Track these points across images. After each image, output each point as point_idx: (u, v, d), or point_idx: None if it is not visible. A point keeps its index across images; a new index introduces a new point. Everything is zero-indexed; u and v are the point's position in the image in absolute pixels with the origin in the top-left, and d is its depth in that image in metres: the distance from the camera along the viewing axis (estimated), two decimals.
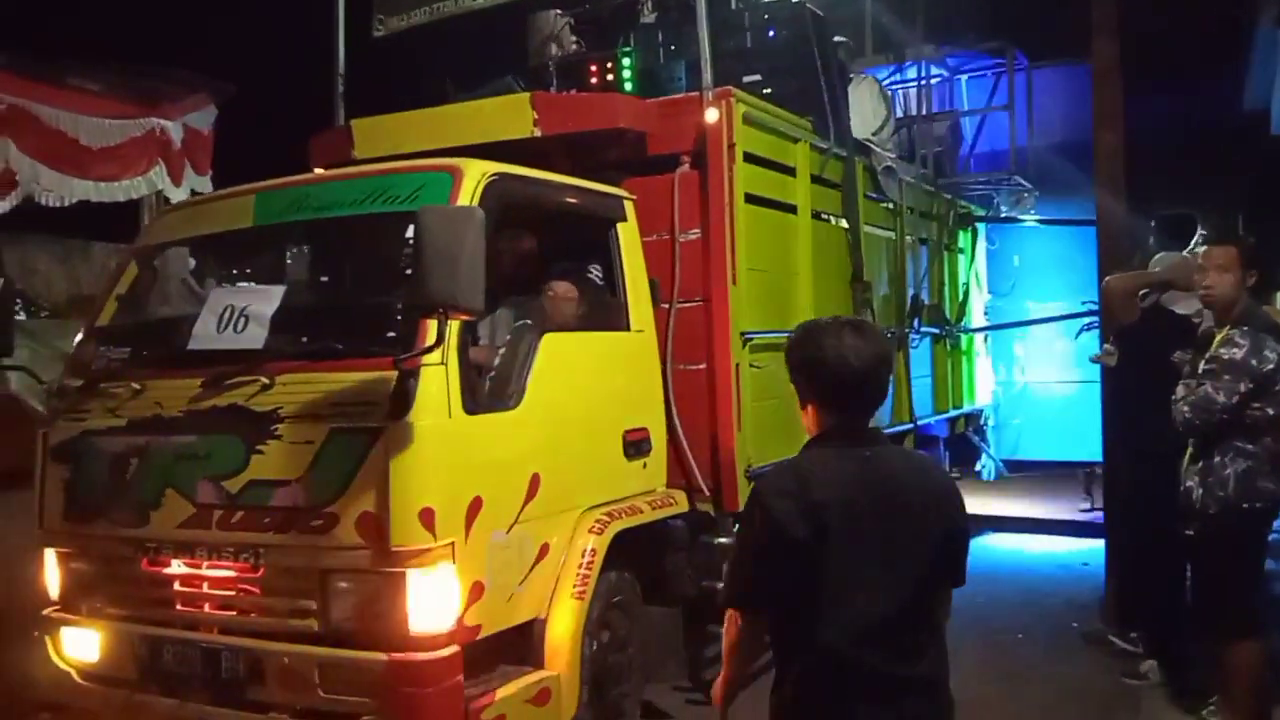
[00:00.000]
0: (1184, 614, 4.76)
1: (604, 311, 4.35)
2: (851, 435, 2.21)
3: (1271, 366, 3.97)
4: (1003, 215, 8.82)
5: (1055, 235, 8.98)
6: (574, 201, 4.27)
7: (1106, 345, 5.65)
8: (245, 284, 4.01)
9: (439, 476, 3.31)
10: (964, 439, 8.27)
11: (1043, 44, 9.03)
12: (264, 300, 3.60)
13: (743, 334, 4.73)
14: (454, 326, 3.34)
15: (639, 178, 4.80)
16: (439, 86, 5.49)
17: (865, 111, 7.06)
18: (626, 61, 5.70)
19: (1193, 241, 5.68)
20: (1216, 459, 4.08)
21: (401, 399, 3.25)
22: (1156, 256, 5.60)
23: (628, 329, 4.40)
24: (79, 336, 4.19)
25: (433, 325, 3.23)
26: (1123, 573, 5.84)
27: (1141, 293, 5.26)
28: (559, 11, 6.14)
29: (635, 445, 4.29)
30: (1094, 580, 6.83)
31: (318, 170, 4.72)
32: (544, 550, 3.76)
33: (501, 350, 3.73)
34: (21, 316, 6.61)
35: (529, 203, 4.00)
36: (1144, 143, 7.86)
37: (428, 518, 3.24)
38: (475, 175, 3.67)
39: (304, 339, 3.57)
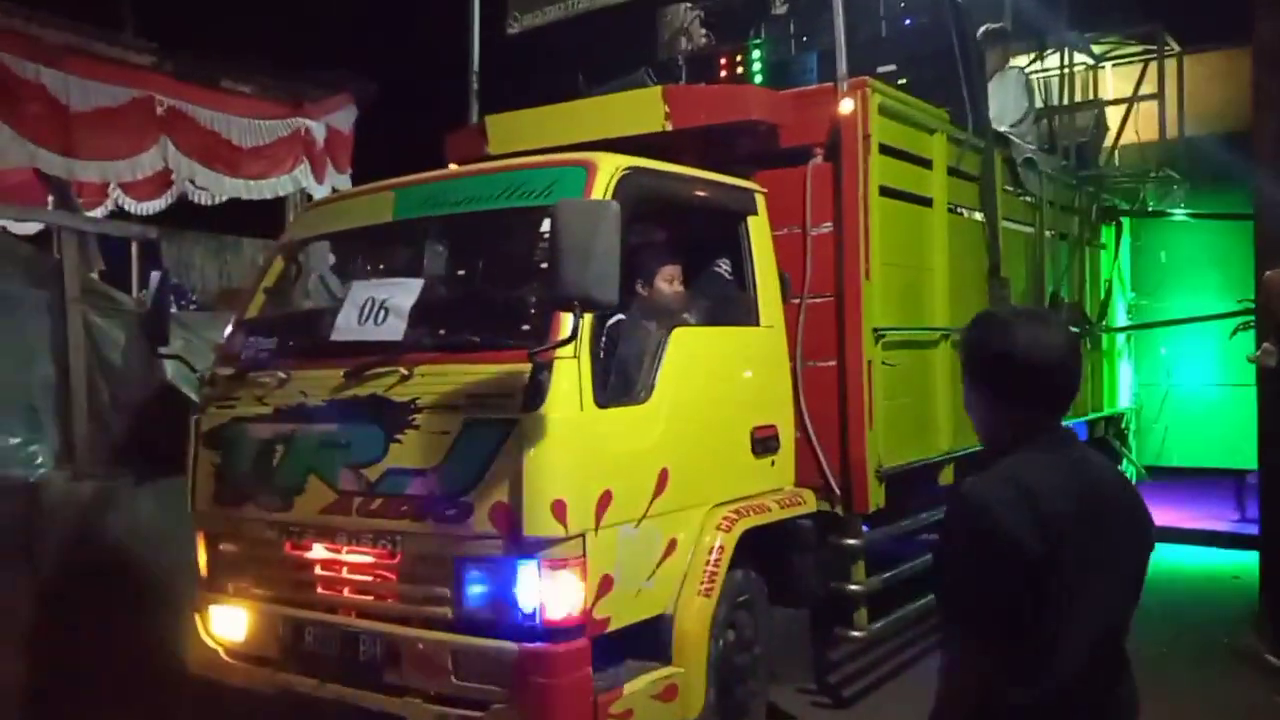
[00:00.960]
0: None
1: (733, 307, 4.31)
2: (1056, 436, 2.01)
3: None
4: (1149, 209, 8.36)
5: (1206, 230, 8.47)
6: (705, 195, 4.23)
7: (1266, 344, 5.42)
8: (385, 277, 4.11)
9: (570, 469, 3.32)
10: (1104, 443, 7.89)
11: (1196, 28, 8.53)
12: (403, 293, 3.68)
13: (875, 330, 4.61)
14: (587, 320, 3.35)
15: (771, 170, 4.73)
16: (571, 81, 5.53)
17: (1007, 102, 6.83)
18: (756, 54, 5.64)
19: None
20: None
21: (535, 391, 3.27)
22: None
23: (757, 324, 4.34)
24: (229, 328, 4.37)
25: (567, 319, 3.24)
26: (1278, 587, 5.61)
27: None
28: (689, 5, 6.12)
29: (763, 442, 4.23)
30: (1246, 594, 6.53)
31: (453, 166, 4.81)
32: (672, 545, 3.75)
33: (633, 344, 3.72)
34: (175, 309, 6.97)
35: (661, 196, 3.98)
36: None
37: (559, 509, 3.26)
38: (609, 169, 3.67)
39: (441, 332, 3.63)
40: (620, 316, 3.84)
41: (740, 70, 5.66)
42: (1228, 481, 9.15)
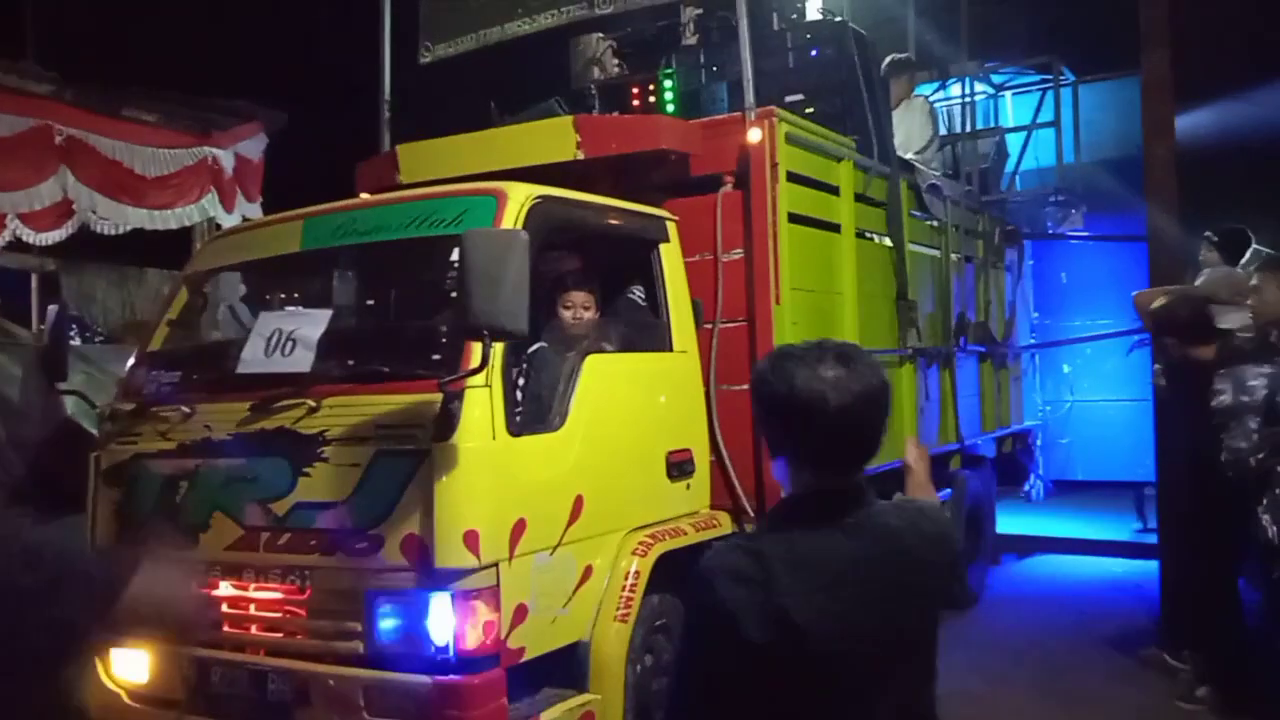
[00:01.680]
0: (1242, 638, 4.70)
1: (647, 333, 4.35)
2: (829, 502, 1.74)
3: (1264, 392, 3.96)
4: (1050, 232, 8.69)
5: (1103, 252, 8.83)
6: (617, 223, 4.28)
7: (1156, 367, 5.60)
8: (293, 308, 4.06)
9: (483, 498, 3.31)
10: (1012, 458, 8.14)
11: (1090, 58, 8.91)
12: (311, 324, 3.64)
13: None
14: (498, 349, 3.35)
15: (683, 198, 4.81)
16: (483, 110, 5.54)
17: (913, 130, 7.05)
18: (668, 83, 5.71)
19: (1245, 256, 5.60)
20: (1278, 491, 4.00)
21: (446, 421, 3.26)
22: (1203, 272, 5.55)
23: (671, 350, 4.39)
24: (131, 361, 4.27)
25: (477, 348, 3.24)
26: (1178, 595, 5.73)
27: (1156, 303, 5.20)
28: (601, 35, 6.18)
29: (679, 466, 4.27)
30: (1149, 602, 6.68)
31: (364, 195, 4.79)
32: (588, 572, 3.75)
33: (545, 372, 3.74)
34: (76, 342, 6.76)
35: (572, 225, 4.02)
36: (1195, 156, 7.76)
37: (472, 540, 3.24)
38: (519, 198, 3.69)
39: (350, 362, 3.60)
40: (537, 344, 3.86)
41: (653, 99, 5.73)
42: (1130, 493, 9.50)
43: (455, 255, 3.18)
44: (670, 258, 4.48)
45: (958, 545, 2.03)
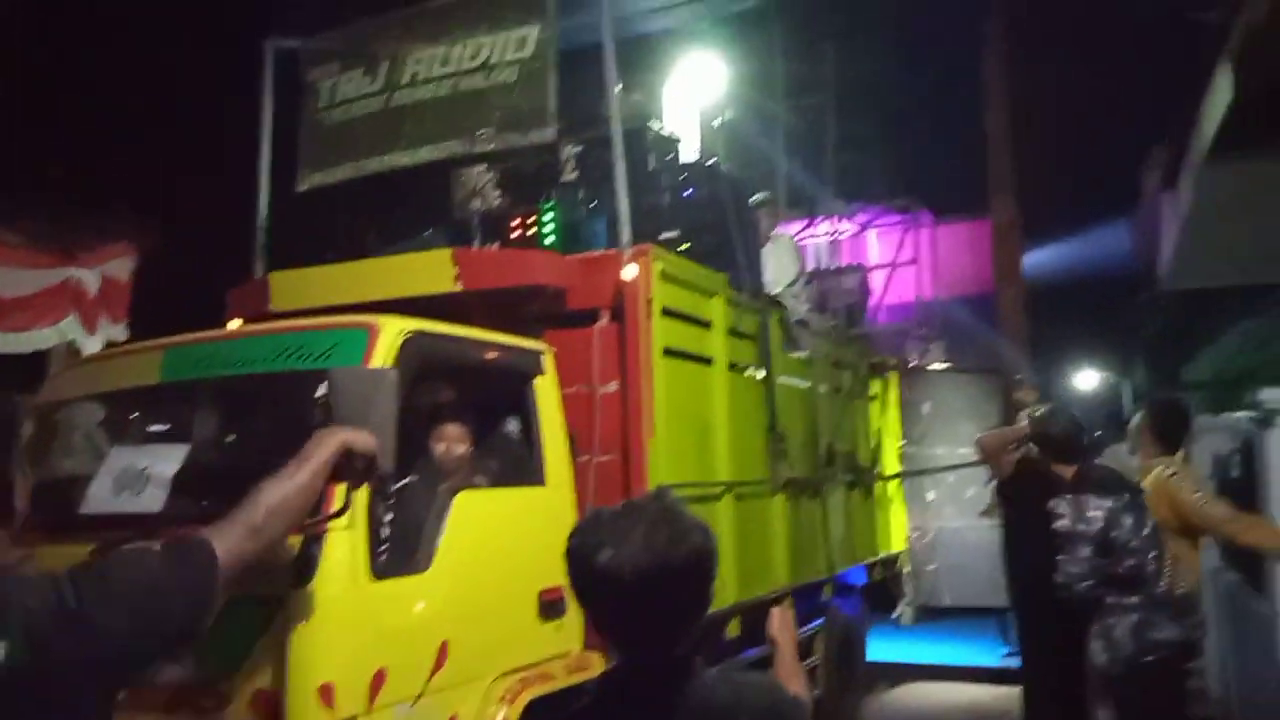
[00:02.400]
0: None
1: (521, 467, 4.31)
2: (643, 680, 1.65)
3: (1101, 524, 4.10)
4: (911, 364, 9.09)
5: (963, 383, 9.27)
6: (492, 356, 4.27)
7: (990, 500, 5.80)
8: (147, 444, 3.87)
9: (342, 648, 3.17)
10: (882, 586, 8.28)
11: (947, 201, 9.54)
12: (165, 461, 3.48)
13: (660, 486, 4.70)
14: (363, 490, 3.26)
15: (560, 330, 4.85)
16: (362, 240, 5.53)
17: (780, 266, 7.34)
18: (549, 217, 5.82)
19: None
20: (1107, 620, 4.17)
21: (304, 566, 3.13)
22: (1025, 410, 5.83)
23: (544, 484, 4.35)
24: None
25: (340, 490, 3.14)
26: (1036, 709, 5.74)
27: (1012, 445, 5.44)
28: (483, 167, 6.29)
29: (550, 605, 4.18)
30: None
31: (232, 325, 4.67)
32: None
33: (414, 510, 3.65)
34: None
35: (446, 359, 3.99)
36: (1045, 295, 8.34)
37: (327, 694, 3.08)
38: (391, 332, 3.66)
39: (205, 502, 3.42)
40: (406, 480, 3.77)
41: (533, 231, 5.82)
42: (995, 618, 9.73)
43: (322, 391, 3.11)
44: (545, 390, 4.48)
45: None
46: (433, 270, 4.64)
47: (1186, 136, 7.42)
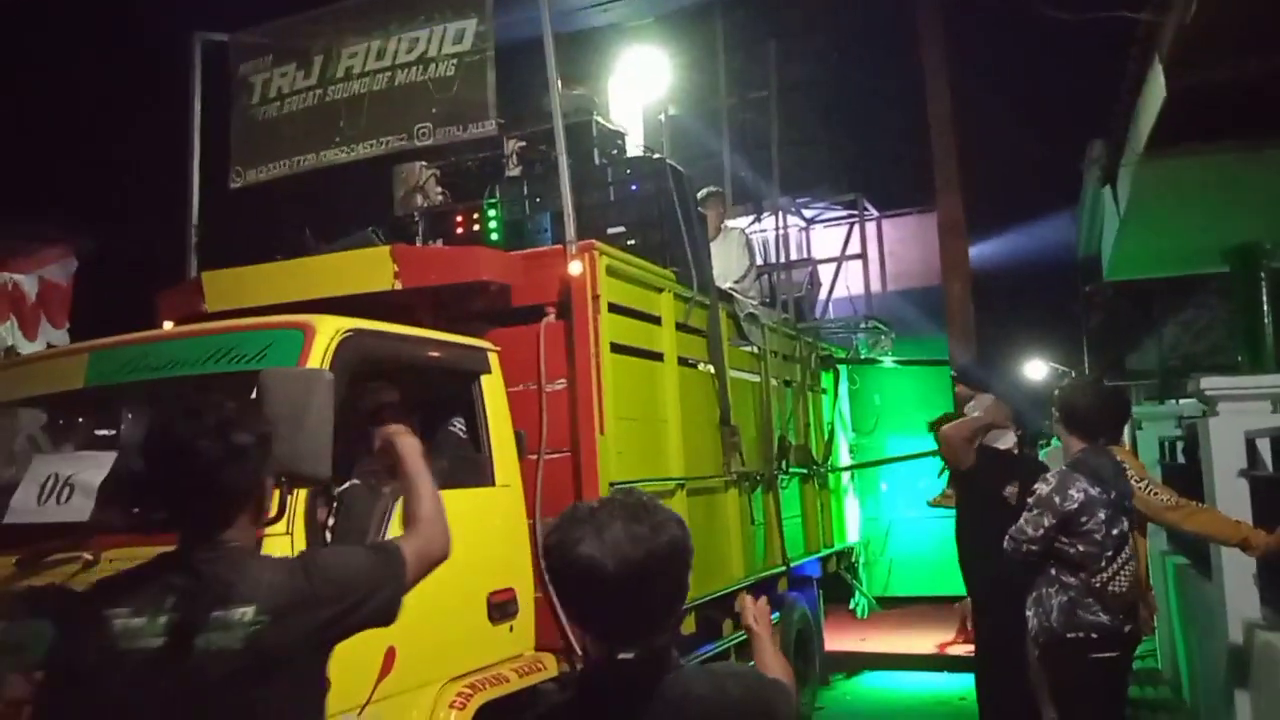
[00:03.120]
0: None
1: (468, 467, 4.21)
2: (620, 674, 1.65)
3: (1074, 506, 4.15)
4: (862, 357, 9.12)
5: (912, 374, 9.33)
6: (435, 355, 4.17)
7: (946, 489, 5.84)
8: (73, 451, 3.72)
9: None
10: (837, 577, 8.29)
11: (892, 195, 9.58)
12: (92, 468, 3.33)
13: (612, 484, 4.64)
14: (300, 494, 3.15)
15: (505, 328, 4.77)
16: (299, 238, 5.38)
17: (730, 260, 7.32)
18: (492, 213, 5.73)
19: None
20: (1044, 590, 4.27)
21: None
22: (971, 402, 5.94)
23: (493, 484, 4.26)
24: None
25: (276, 495, 3.03)
26: (992, 705, 5.86)
27: (972, 436, 5.49)
28: (424, 164, 6.17)
29: (501, 607, 4.09)
30: (970, 715, 6.70)
31: (164, 327, 4.51)
32: None
33: (356, 513, 3.53)
34: None
35: (387, 358, 3.89)
36: (992, 288, 8.44)
37: None
38: (328, 332, 3.55)
39: (135, 510, 3.29)
40: (349, 482, 3.66)
41: (477, 228, 5.72)
42: (950, 606, 9.82)
43: (255, 394, 2.99)
44: (492, 389, 4.39)
45: (784, 709, 1.84)
46: (371, 268, 4.52)
47: (1123, 132, 7.61)
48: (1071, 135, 10.70)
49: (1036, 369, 16.92)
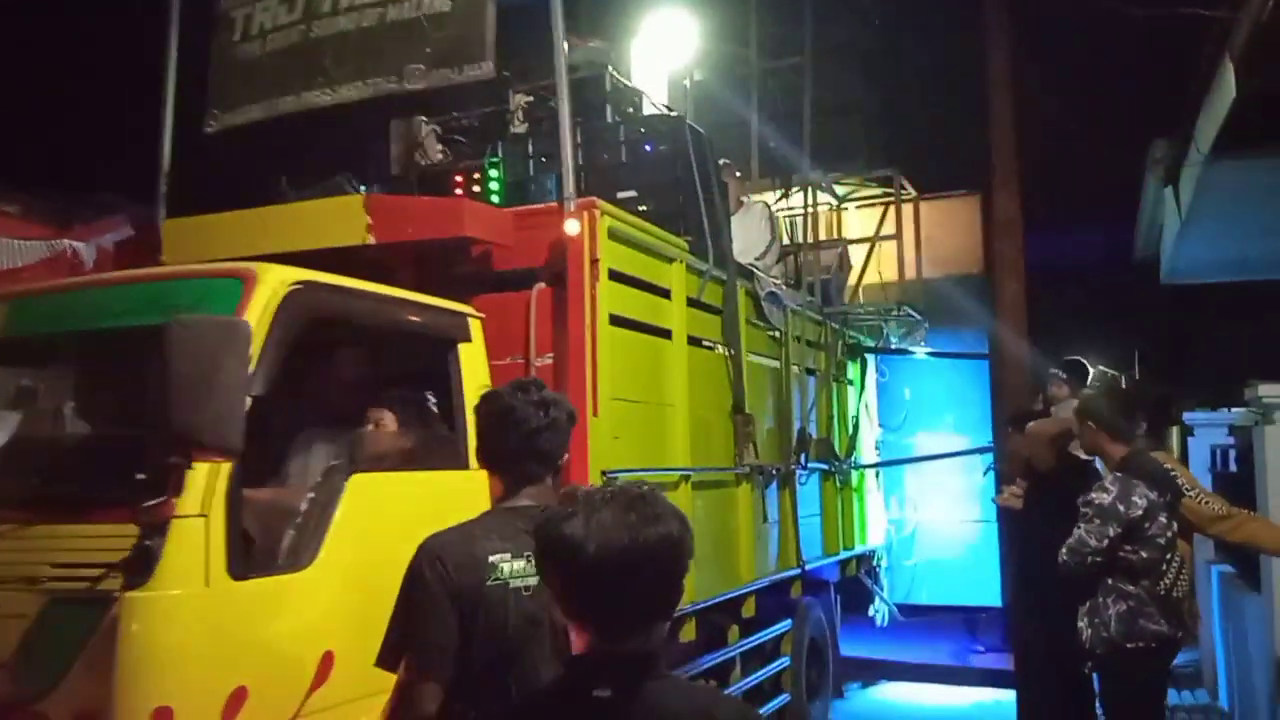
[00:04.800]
0: None
1: (438, 447, 3.72)
2: (591, 673, 1.58)
3: (1139, 513, 4.10)
4: (892, 346, 8.53)
5: (946, 368, 8.73)
6: (404, 318, 3.67)
7: (1013, 488, 5.57)
8: None
9: (185, 663, 2.57)
10: (856, 582, 7.74)
11: (931, 176, 8.97)
12: None
13: (604, 473, 4.14)
14: (223, 470, 2.67)
15: (493, 294, 4.27)
16: (274, 186, 4.89)
17: (751, 235, 6.78)
18: (494, 173, 5.24)
19: (1088, 383, 5.97)
20: (1100, 599, 4.19)
21: (141, 562, 2.53)
22: (1063, 403, 5.82)
23: (467, 467, 3.75)
24: None
25: (194, 470, 2.56)
26: (1032, 707, 5.81)
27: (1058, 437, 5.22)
28: (424, 119, 5.69)
29: None
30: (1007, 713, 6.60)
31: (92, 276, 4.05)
32: None
33: (293, 497, 3.05)
34: None
35: (344, 318, 3.39)
36: (1042, 287, 7.93)
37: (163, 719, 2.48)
38: (272, 283, 3.05)
39: (30, 482, 2.83)
40: (290, 460, 3.19)
41: (478, 189, 5.23)
42: (973, 617, 9.31)
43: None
44: (471, 359, 3.89)
45: None
46: (342, 220, 4.04)
47: (1189, 132, 7.50)
48: (1134, 134, 10.37)
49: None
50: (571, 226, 4.14)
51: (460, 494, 3.66)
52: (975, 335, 8.46)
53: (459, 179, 5.31)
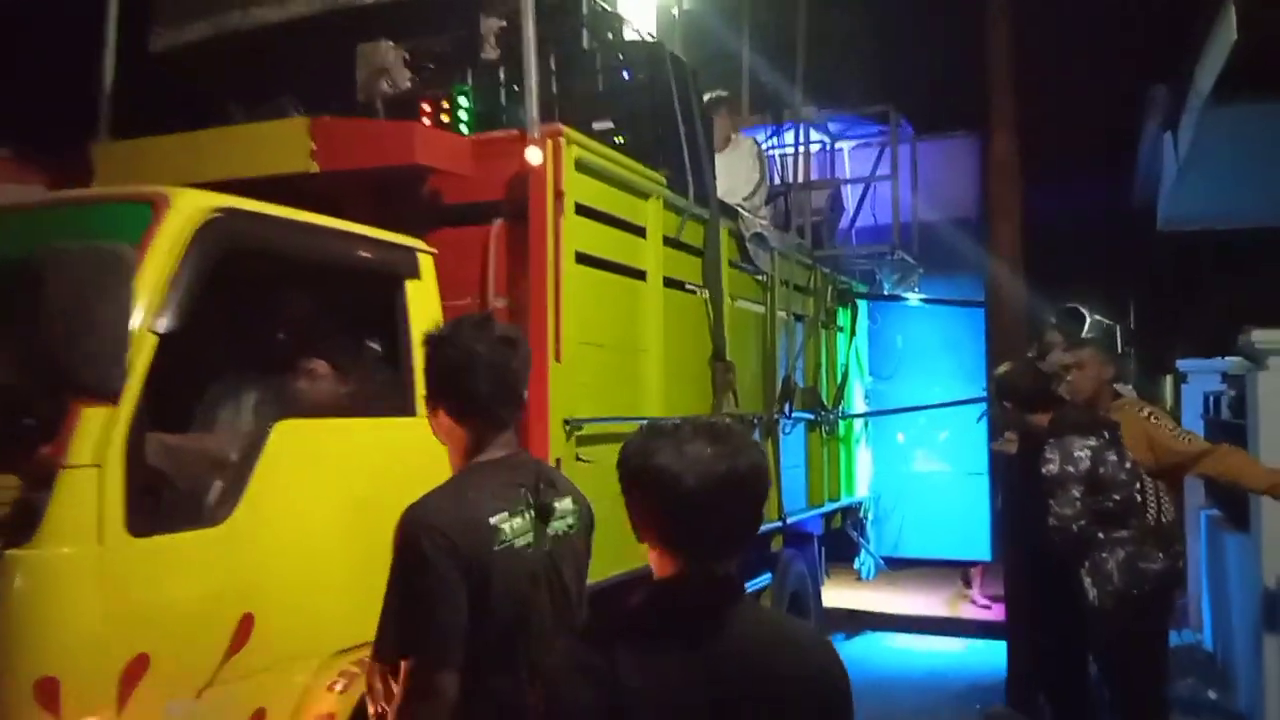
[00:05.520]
0: (1087, 694, 4.92)
1: (380, 392, 3.44)
2: (687, 593, 1.63)
3: (1088, 463, 4.22)
4: (885, 293, 8.22)
5: (941, 315, 8.42)
6: (343, 252, 3.37)
7: (1008, 434, 5.56)
8: None
9: (74, 629, 2.32)
10: (842, 534, 7.53)
11: (930, 116, 8.59)
12: None
13: (566, 421, 3.87)
14: (121, 415, 2.39)
15: (451, 229, 3.97)
16: (223, 111, 4.55)
17: (738, 174, 6.45)
18: (463, 101, 4.88)
19: (1084, 329, 5.93)
20: (1099, 555, 4.27)
21: (24, 516, 2.27)
22: (1053, 354, 5.62)
23: (414, 414, 3.49)
24: None
25: (88, 416, 2.28)
26: (1024, 655, 5.94)
27: (999, 370, 5.24)
28: (391, 43, 5.32)
29: None
30: (989, 677, 6.85)
31: None
32: (258, 718, 2.77)
33: (205, 446, 2.79)
34: None
35: (274, 250, 3.10)
36: (1038, 234, 7.68)
37: (47, 692, 2.24)
38: (186, 210, 2.75)
39: None
40: (203, 404, 2.92)
41: (446, 118, 4.90)
42: (960, 570, 9.18)
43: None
44: (420, 298, 3.60)
45: (847, 698, 1.67)
46: (285, 145, 3.72)
47: (1188, 77, 7.57)
48: (1134, 81, 10.16)
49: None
50: (534, 155, 3.82)
51: (402, 443, 3.41)
52: (972, 282, 8.14)
53: (426, 107, 4.98)
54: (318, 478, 3.02)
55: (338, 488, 3.08)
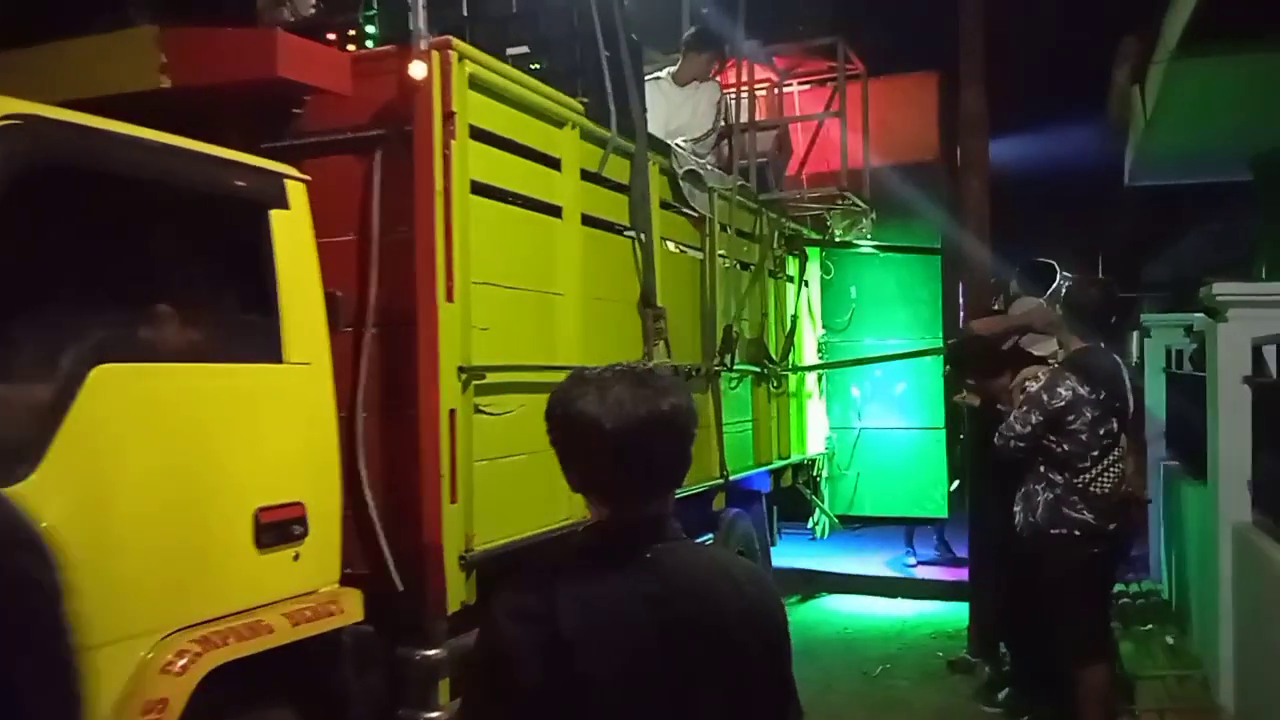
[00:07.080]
0: (1045, 640, 4.85)
1: (238, 335, 3.05)
2: (619, 533, 1.67)
3: (1061, 404, 4.29)
4: (837, 240, 7.85)
5: (896, 264, 8.06)
6: (188, 175, 2.95)
7: (969, 383, 5.69)
8: None
9: None
10: (794, 493, 7.22)
11: (888, 54, 8.18)
12: None
13: (463, 369, 3.50)
14: None
15: (335, 156, 3.57)
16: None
17: (696, 115, 6.21)
18: (371, 29, 4.45)
19: (1052, 287, 5.73)
20: (1033, 486, 4.44)
21: None
22: (1017, 302, 5.78)
23: (280, 360, 3.10)
24: None
25: None
26: (985, 603, 6.13)
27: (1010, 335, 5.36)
28: None
29: (277, 529, 2.96)
30: (959, 613, 6.95)
31: None
32: None
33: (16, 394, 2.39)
34: None
35: (99, 168, 2.68)
36: (1003, 186, 7.52)
37: None
38: None
39: None
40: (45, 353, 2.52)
41: (354, 48, 4.46)
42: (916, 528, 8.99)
43: None
44: (289, 230, 3.19)
45: (785, 630, 1.72)
46: (132, 58, 3.29)
47: (1157, 28, 7.52)
48: (1103, 32, 10.03)
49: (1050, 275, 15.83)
50: (418, 69, 3.40)
51: (264, 391, 3.03)
52: (926, 228, 7.80)
53: (334, 36, 4.54)
54: (149, 428, 2.63)
55: (171, 442, 2.68)
